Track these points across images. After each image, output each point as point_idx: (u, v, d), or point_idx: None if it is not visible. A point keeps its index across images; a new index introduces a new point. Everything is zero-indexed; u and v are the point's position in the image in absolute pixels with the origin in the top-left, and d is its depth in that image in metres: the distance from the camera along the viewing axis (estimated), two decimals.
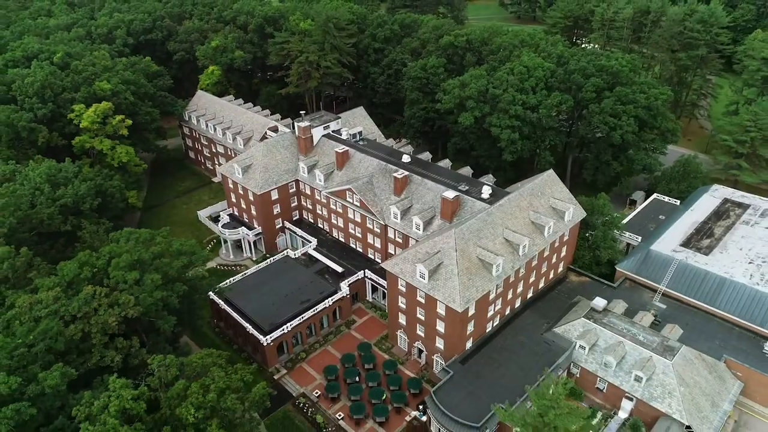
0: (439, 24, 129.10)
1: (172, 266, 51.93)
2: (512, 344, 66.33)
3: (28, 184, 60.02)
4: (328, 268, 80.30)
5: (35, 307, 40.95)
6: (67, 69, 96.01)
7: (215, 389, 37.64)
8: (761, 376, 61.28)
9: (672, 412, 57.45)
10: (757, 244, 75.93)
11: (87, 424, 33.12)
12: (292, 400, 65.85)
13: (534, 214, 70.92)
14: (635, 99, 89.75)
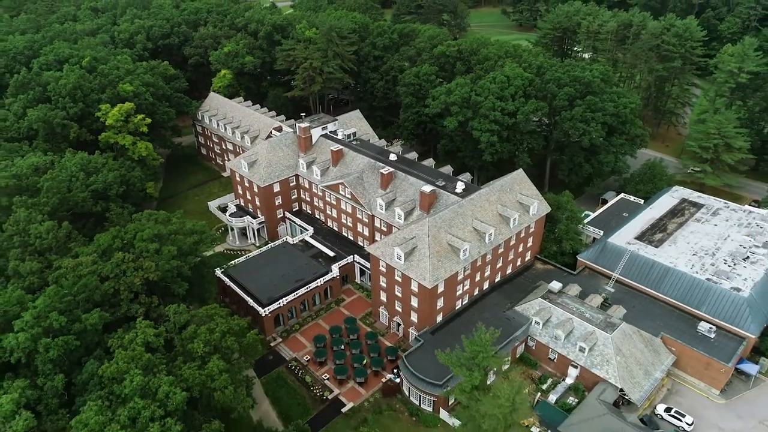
0: (435, 34, 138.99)
1: (185, 242, 62.41)
2: (478, 319, 75.74)
3: (65, 172, 70.81)
4: (322, 252, 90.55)
5: (78, 268, 51.41)
6: (94, 72, 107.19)
7: (219, 331, 47.94)
8: (692, 351, 70.46)
9: (608, 377, 66.96)
10: (703, 239, 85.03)
11: (120, 350, 43.40)
12: (285, 363, 76.11)
13: (501, 207, 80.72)
14: (604, 107, 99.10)
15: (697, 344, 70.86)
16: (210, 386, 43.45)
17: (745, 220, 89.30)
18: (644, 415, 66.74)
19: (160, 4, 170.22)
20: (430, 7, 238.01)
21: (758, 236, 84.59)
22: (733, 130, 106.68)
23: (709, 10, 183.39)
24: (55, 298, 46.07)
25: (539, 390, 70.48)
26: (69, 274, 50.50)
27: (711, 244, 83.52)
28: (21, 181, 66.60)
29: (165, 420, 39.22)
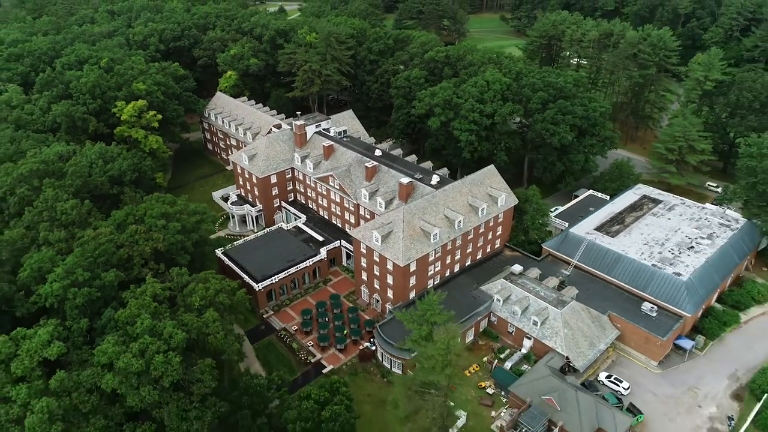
0: (427, 40, 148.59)
1: (188, 221, 72.38)
2: (448, 296, 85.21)
3: (86, 160, 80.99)
4: (312, 237, 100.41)
5: (97, 237, 61.31)
6: (111, 72, 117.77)
7: (213, 289, 57.70)
8: (634, 327, 79.49)
9: (556, 347, 76.22)
10: (656, 230, 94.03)
11: (132, 300, 53.29)
12: (275, 332, 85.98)
13: (472, 198, 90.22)
14: (574, 110, 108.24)
15: (639, 321, 79.88)
16: (205, 331, 53.25)
17: (697, 215, 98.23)
18: (586, 380, 75.96)
19: (172, 8, 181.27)
20: (431, 13, 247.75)
21: (705, 229, 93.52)
22: (697, 133, 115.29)
23: (693, 20, 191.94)
24: (81, 258, 56.04)
25: (497, 358, 79.97)
26: (90, 242, 60.52)
27: (662, 236, 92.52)
28: (48, 166, 77.00)
29: (168, 353, 49.05)
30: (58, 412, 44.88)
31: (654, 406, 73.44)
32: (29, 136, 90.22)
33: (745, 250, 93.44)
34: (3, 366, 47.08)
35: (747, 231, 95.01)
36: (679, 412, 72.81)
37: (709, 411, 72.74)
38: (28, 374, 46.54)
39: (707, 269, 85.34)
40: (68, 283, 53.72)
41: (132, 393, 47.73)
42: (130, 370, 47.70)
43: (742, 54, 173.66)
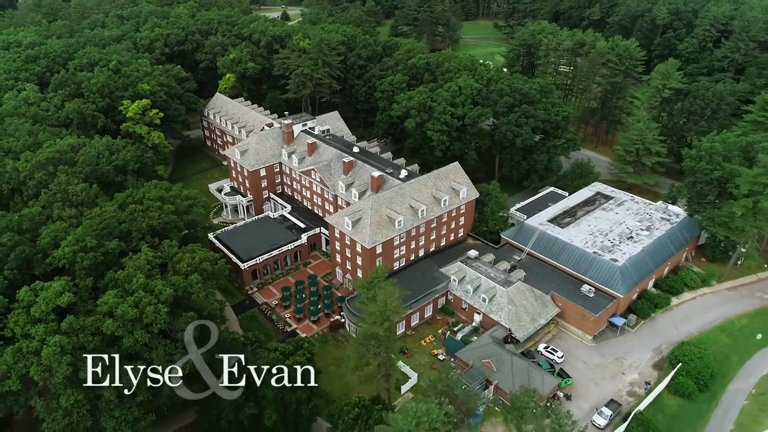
0: (412, 47, 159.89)
1: (182, 204, 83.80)
2: (410, 277, 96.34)
3: (94, 150, 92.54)
4: (295, 225, 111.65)
5: (102, 214, 72.57)
6: (119, 73, 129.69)
7: (198, 258, 68.83)
8: (572, 306, 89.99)
9: (501, 321, 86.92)
10: (602, 223, 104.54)
11: (130, 263, 64.54)
12: (258, 306, 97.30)
13: (435, 191, 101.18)
14: (536, 114, 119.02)
15: (577, 301, 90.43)
16: (189, 291, 64.42)
17: (643, 210, 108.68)
18: (526, 349, 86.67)
19: (178, 14, 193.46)
20: (425, 20, 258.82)
21: (646, 222, 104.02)
22: (653, 137, 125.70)
23: (670, 31, 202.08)
24: (88, 230, 67.28)
25: (450, 330, 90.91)
26: (96, 218, 71.79)
27: (607, 227, 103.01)
28: (62, 156, 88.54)
29: (157, 306, 60.24)
30: (67, 347, 56.18)
31: (583, 372, 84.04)
32: (45, 130, 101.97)
33: (682, 241, 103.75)
34: (25, 310, 58.46)
35: (685, 225, 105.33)
36: (604, 377, 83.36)
37: (631, 377, 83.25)
38: (44, 317, 57.85)
39: (642, 257, 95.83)
40: (78, 248, 65.08)
41: (128, 336, 59.00)
42: (126, 317, 59.02)
43: (713, 64, 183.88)
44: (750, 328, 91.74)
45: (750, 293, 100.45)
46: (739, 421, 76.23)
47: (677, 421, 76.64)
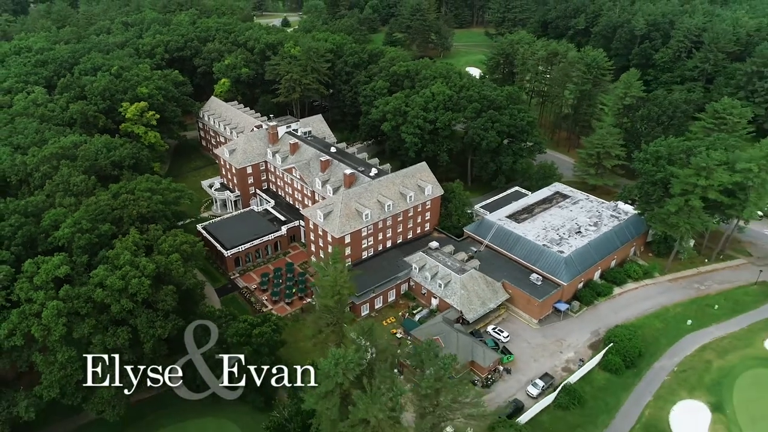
0: (396, 55, 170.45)
1: (169, 195, 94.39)
2: (377, 265, 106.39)
3: (93, 147, 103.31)
4: (277, 218, 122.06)
5: (98, 202, 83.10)
6: (120, 77, 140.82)
7: (179, 240, 79.16)
8: (520, 292, 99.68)
9: (454, 304, 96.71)
10: (556, 219, 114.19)
11: (119, 244, 74.93)
12: (239, 290, 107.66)
13: (402, 188, 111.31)
14: (501, 119, 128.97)
15: (524, 287, 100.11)
16: (170, 267, 74.87)
17: (595, 208, 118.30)
18: (475, 330, 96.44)
19: (179, 21, 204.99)
20: (417, 28, 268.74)
21: (594, 219, 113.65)
22: (613, 141, 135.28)
23: (647, 41, 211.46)
24: (84, 214, 77.83)
25: (410, 313, 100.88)
26: (92, 205, 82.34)
27: (559, 223, 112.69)
28: (65, 151, 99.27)
29: (141, 278, 70.63)
30: (63, 311, 66.56)
31: (525, 350, 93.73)
32: (51, 128, 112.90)
33: (628, 236, 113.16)
34: (28, 279, 68.92)
35: (633, 222, 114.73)
36: (543, 355, 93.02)
37: (568, 356, 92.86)
38: (44, 285, 68.24)
39: (587, 249, 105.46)
40: (75, 230, 75.57)
41: (115, 303, 69.35)
42: (114, 287, 69.38)
43: (685, 74, 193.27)
44: (682, 315, 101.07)
45: (688, 285, 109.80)
46: (658, 393, 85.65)
47: (603, 392, 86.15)
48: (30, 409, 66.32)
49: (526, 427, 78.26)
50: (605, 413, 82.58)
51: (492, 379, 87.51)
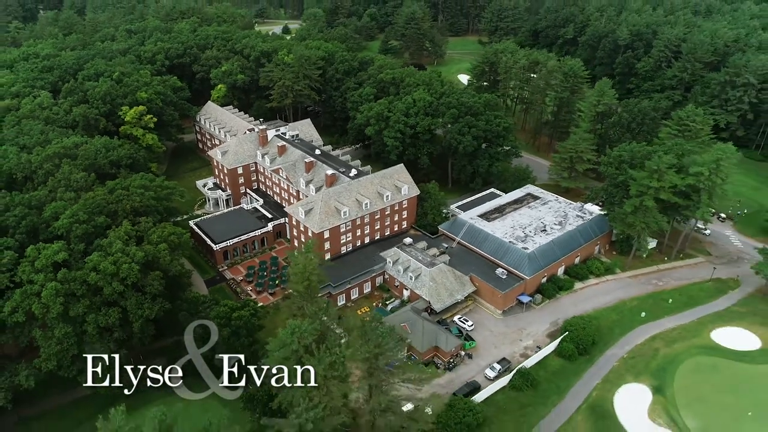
0: (384, 63, 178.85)
1: (161, 192, 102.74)
2: (355, 259, 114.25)
3: (93, 147, 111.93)
4: (264, 215, 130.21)
5: (95, 196, 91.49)
6: (120, 83, 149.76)
7: (167, 232, 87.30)
8: (486, 285, 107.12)
9: (423, 295, 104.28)
10: (524, 219, 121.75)
11: (112, 233, 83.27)
12: (226, 281, 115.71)
13: (380, 188, 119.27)
14: (477, 125, 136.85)
15: (489, 281, 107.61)
16: (157, 255, 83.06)
17: (562, 209, 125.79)
18: (442, 319, 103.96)
19: (180, 29, 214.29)
20: (412, 37, 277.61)
21: (560, 218, 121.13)
22: (585, 146, 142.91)
23: (629, 51, 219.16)
24: (82, 207, 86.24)
25: (383, 303, 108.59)
26: (90, 199, 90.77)
27: (527, 222, 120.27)
28: (66, 151, 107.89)
29: (131, 264, 78.76)
30: (61, 292, 74.71)
31: (488, 338, 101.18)
32: (54, 130, 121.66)
33: (592, 235, 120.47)
34: (30, 263, 77.19)
35: (597, 221, 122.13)
36: (504, 342, 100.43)
37: (526, 343, 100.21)
38: (44, 268, 76.42)
39: (550, 246, 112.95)
40: (73, 221, 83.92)
41: (107, 286, 77.47)
42: (106, 272, 77.51)
43: (665, 82, 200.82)
44: (638, 308, 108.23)
45: (647, 281, 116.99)
46: (606, 377, 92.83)
47: (556, 376, 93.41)
48: (30, 378, 74.44)
49: (481, 405, 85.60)
50: (556, 394, 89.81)
51: (454, 363, 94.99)
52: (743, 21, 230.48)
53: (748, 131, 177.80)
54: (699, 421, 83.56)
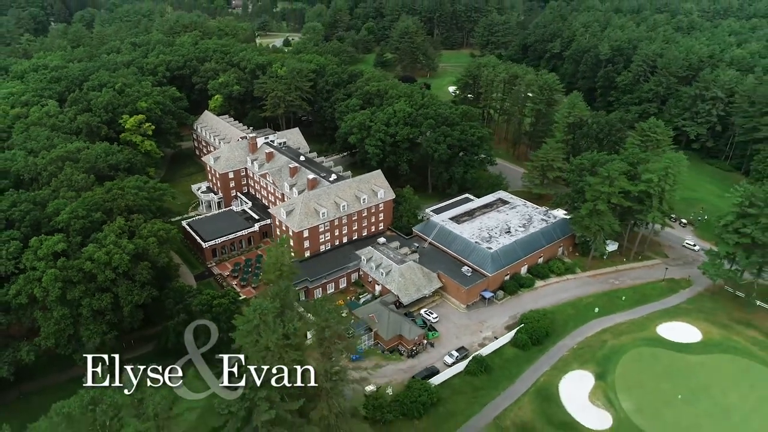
0: (371, 76, 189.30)
1: (154, 193, 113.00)
2: (332, 257, 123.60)
3: (94, 152, 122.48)
4: (252, 216, 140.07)
5: (94, 195, 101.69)
6: (122, 93, 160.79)
7: (157, 227, 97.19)
8: (451, 281, 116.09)
9: (393, 290, 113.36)
10: (491, 222, 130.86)
11: (107, 228, 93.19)
12: (214, 276, 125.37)
13: (357, 191, 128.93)
14: (452, 134, 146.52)
15: (455, 277, 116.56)
16: (147, 248, 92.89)
17: (528, 213, 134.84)
18: (409, 312, 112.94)
19: (182, 42, 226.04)
20: (405, 50, 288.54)
21: (525, 221, 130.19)
22: (555, 155, 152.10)
23: (610, 65, 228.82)
24: (81, 204, 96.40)
25: (357, 297, 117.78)
26: (88, 197, 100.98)
27: (493, 224, 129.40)
28: (69, 155, 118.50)
29: (122, 254, 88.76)
30: (59, 277, 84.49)
31: (450, 329, 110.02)
32: (59, 136, 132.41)
33: (554, 237, 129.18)
34: (33, 252, 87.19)
35: (560, 224, 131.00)
36: (465, 333, 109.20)
37: (485, 334, 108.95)
38: (45, 257, 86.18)
39: (513, 247, 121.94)
40: (72, 216, 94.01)
41: (100, 273, 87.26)
42: (100, 261, 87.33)
43: (642, 96, 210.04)
44: (593, 305, 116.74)
45: (605, 280, 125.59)
46: (555, 365, 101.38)
47: (509, 363, 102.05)
48: (30, 353, 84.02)
49: (437, 387, 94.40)
50: (507, 379, 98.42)
51: (416, 351, 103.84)
52: (721, 37, 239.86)
53: (717, 142, 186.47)
54: (633, 403, 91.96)
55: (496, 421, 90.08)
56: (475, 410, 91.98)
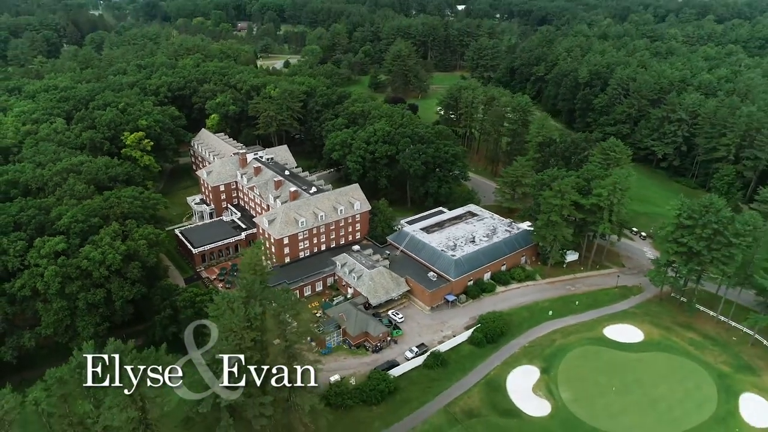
0: (358, 97, 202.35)
1: (148, 202, 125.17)
2: (311, 262, 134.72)
3: (95, 165, 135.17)
4: (240, 225, 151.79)
5: (93, 202, 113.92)
6: (124, 112, 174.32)
7: (148, 231, 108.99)
8: (417, 285, 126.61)
9: (363, 292, 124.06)
10: (459, 232, 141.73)
11: (103, 231, 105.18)
12: (202, 279, 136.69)
13: (335, 203, 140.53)
14: (427, 151, 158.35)
15: (420, 281, 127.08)
16: (137, 249, 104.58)
17: (494, 225, 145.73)
18: (377, 312, 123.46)
19: (184, 65, 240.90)
20: (397, 72, 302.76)
21: (489, 232, 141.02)
22: (523, 171, 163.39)
23: (587, 88, 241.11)
24: (81, 210, 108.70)
25: (331, 299, 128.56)
26: (87, 204, 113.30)
27: (460, 234, 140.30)
28: (73, 167, 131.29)
29: (115, 254, 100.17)
30: (59, 273, 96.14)
31: (414, 328, 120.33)
32: (65, 150, 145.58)
33: (516, 246, 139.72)
34: (37, 251, 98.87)
35: (522, 235, 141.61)
36: (428, 332, 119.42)
37: (445, 333, 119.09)
38: (47, 255, 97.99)
39: (476, 254, 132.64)
40: (73, 220, 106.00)
41: (96, 270, 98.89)
42: (95, 260, 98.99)
43: (616, 117, 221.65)
44: (548, 308, 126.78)
45: (562, 286, 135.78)
46: (506, 360, 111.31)
47: (464, 359, 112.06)
48: (31, 339, 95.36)
49: (396, 378, 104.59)
50: (461, 372, 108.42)
51: (380, 347, 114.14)
52: (695, 62, 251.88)
53: (683, 161, 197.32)
54: (571, 394, 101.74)
55: (446, 408, 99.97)
56: (428, 398, 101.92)
